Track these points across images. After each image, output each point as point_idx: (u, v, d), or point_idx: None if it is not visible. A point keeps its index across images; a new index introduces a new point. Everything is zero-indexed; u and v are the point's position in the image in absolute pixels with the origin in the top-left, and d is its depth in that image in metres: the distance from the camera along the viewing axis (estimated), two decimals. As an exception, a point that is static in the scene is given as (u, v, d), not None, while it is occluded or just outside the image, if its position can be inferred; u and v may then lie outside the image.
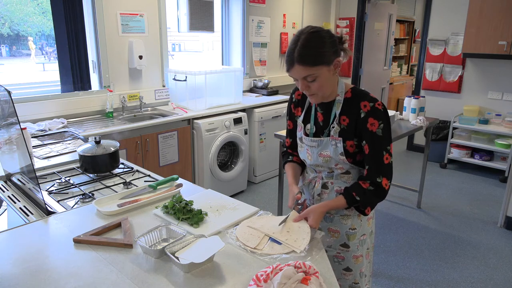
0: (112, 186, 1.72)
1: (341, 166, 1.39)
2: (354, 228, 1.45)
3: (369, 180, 1.32)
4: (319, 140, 1.38)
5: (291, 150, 1.60)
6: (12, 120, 1.47)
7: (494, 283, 2.56)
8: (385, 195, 1.34)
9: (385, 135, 1.30)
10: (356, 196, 1.33)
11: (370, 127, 1.29)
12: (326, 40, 1.24)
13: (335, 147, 1.35)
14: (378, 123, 1.29)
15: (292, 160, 1.57)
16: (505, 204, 3.26)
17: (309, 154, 1.44)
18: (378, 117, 1.29)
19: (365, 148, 1.32)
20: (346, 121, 1.34)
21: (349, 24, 5.74)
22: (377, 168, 1.32)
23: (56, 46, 3.14)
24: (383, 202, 3.77)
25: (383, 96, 6.63)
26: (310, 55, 1.22)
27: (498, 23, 4.09)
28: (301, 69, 1.24)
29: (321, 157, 1.39)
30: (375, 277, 2.61)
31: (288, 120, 1.56)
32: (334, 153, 1.36)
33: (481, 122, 4.49)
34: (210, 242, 1.16)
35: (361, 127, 1.31)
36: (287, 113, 1.57)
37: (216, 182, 3.60)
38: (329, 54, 1.24)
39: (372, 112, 1.29)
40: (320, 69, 1.24)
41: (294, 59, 1.23)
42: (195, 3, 3.75)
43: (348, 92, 1.36)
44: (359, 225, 1.46)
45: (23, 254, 1.18)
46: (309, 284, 0.99)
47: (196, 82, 3.52)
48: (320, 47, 1.23)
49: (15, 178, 1.68)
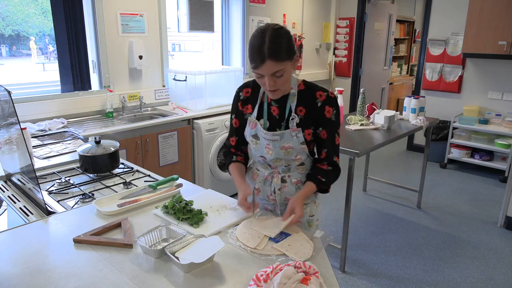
0: (112, 186, 1.72)
1: (300, 156, 1.47)
2: (312, 215, 1.58)
3: (327, 161, 1.47)
4: (280, 134, 1.43)
5: (234, 149, 1.62)
6: (12, 120, 1.47)
7: (494, 283, 2.56)
8: (340, 171, 1.50)
9: (337, 120, 1.44)
10: (322, 178, 1.45)
11: (327, 114, 1.42)
12: (289, 36, 1.30)
13: (296, 137, 1.42)
14: (332, 110, 1.42)
15: (236, 160, 1.60)
16: (505, 204, 3.26)
17: (269, 149, 1.46)
18: (332, 105, 1.42)
19: (322, 133, 1.44)
20: (303, 112, 1.42)
21: (349, 24, 5.74)
22: (333, 150, 1.46)
23: (56, 46, 3.13)
24: (383, 202, 3.78)
25: (383, 96, 6.63)
26: (281, 51, 1.26)
27: (498, 23, 4.09)
28: (272, 65, 1.26)
29: (283, 149, 1.44)
30: (375, 277, 2.61)
31: (234, 119, 1.57)
32: (296, 143, 1.43)
33: (481, 122, 4.49)
34: (210, 242, 1.16)
35: (319, 115, 1.42)
36: (233, 111, 1.58)
37: (216, 182, 3.60)
38: (293, 50, 1.30)
39: (327, 100, 1.41)
40: (286, 64, 1.29)
41: (266, 55, 1.24)
42: (195, 3, 3.75)
43: (301, 85, 1.45)
44: (316, 211, 1.59)
45: (23, 254, 1.18)
46: (309, 284, 0.99)
47: (196, 82, 3.52)
48: (288, 42, 1.28)
49: (15, 178, 1.68)
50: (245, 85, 1.55)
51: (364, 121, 3.17)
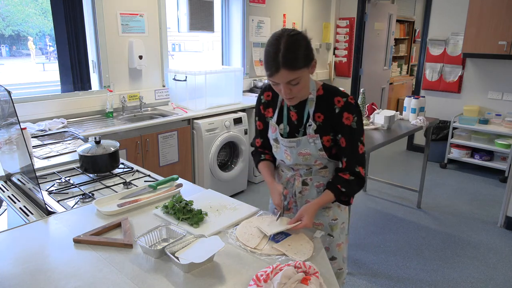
0: (112, 186, 1.72)
1: (320, 162, 1.43)
2: (336, 219, 1.51)
3: (348, 171, 1.39)
4: (297, 140, 1.40)
5: (261, 148, 1.61)
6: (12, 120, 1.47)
7: (494, 283, 2.56)
8: (364, 182, 1.42)
9: (358, 127, 1.36)
10: (342, 188, 1.38)
11: (346, 121, 1.35)
12: (306, 42, 1.25)
13: (314, 144, 1.38)
14: (352, 117, 1.34)
15: (265, 158, 1.59)
16: (505, 204, 3.26)
17: (287, 155, 1.45)
18: (352, 111, 1.34)
19: (341, 141, 1.37)
20: (321, 118, 1.37)
21: (349, 24, 5.74)
22: (354, 159, 1.38)
23: (56, 46, 3.14)
24: (383, 202, 3.78)
25: (383, 96, 6.63)
26: (296, 59, 1.21)
27: (498, 23, 4.09)
28: (287, 74, 1.22)
29: (300, 156, 1.41)
30: (375, 277, 2.61)
31: (258, 121, 1.56)
32: (314, 150, 1.39)
33: (481, 122, 4.49)
34: (210, 242, 1.16)
35: (337, 122, 1.36)
36: (256, 113, 1.56)
37: (216, 182, 3.60)
38: (310, 56, 1.27)
39: (346, 106, 1.34)
40: (303, 71, 1.25)
41: (280, 64, 1.20)
42: (195, 3, 3.75)
43: (319, 90, 1.39)
44: (339, 215, 1.52)
45: (23, 254, 1.18)
46: (309, 284, 0.99)
47: (196, 82, 3.52)
48: (304, 50, 1.23)
49: (15, 178, 1.68)
50: (266, 88, 1.51)
51: (364, 121, 3.17)
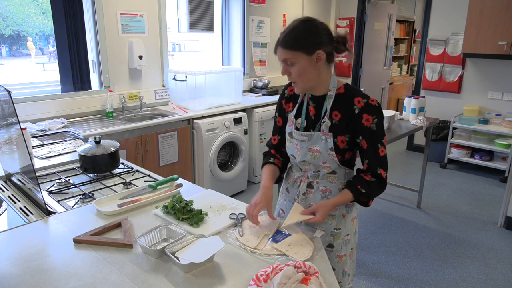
0: (112, 186, 1.72)
1: (328, 164, 1.39)
2: (339, 228, 1.47)
3: (370, 172, 1.36)
4: (309, 135, 1.39)
5: (274, 150, 1.58)
6: (12, 120, 1.47)
7: (494, 283, 2.56)
8: (386, 185, 1.38)
9: (379, 129, 1.34)
10: (362, 189, 1.35)
11: (365, 122, 1.32)
12: (311, 30, 1.28)
13: (325, 142, 1.36)
14: (372, 119, 1.32)
15: (273, 162, 1.55)
16: (505, 204, 3.26)
17: (298, 149, 1.43)
18: (372, 113, 1.32)
19: (362, 143, 1.35)
20: (338, 116, 1.35)
21: (349, 24, 5.74)
22: (376, 161, 1.35)
23: (56, 46, 3.14)
24: (383, 202, 3.78)
25: (383, 96, 6.63)
26: (290, 40, 1.29)
27: (498, 23, 4.09)
28: (281, 51, 1.30)
29: (310, 152, 1.39)
30: (375, 277, 2.61)
31: (278, 117, 1.55)
32: (324, 148, 1.36)
33: (481, 122, 4.49)
34: (210, 242, 1.16)
35: (356, 123, 1.33)
36: (277, 109, 1.56)
37: (216, 182, 3.60)
38: (310, 43, 1.27)
39: (366, 108, 1.32)
40: (299, 55, 1.28)
41: (279, 42, 1.31)
42: (195, 3, 3.75)
43: (341, 88, 1.38)
44: (343, 225, 1.47)
45: (23, 254, 1.18)
46: (309, 284, 0.99)
47: (196, 82, 3.52)
48: (301, 33, 1.28)
49: (15, 178, 1.68)
50: (291, 83, 1.50)
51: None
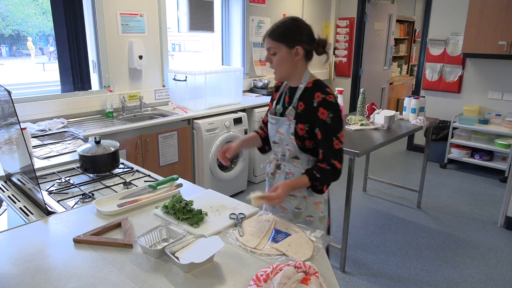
0: (112, 186, 1.72)
1: (289, 148, 1.57)
2: (299, 208, 1.63)
3: (325, 161, 1.50)
4: (277, 119, 1.60)
5: (263, 125, 1.81)
6: (12, 120, 1.47)
7: (494, 283, 2.56)
8: (339, 175, 1.52)
9: (334, 124, 1.47)
10: (317, 174, 1.50)
11: (321, 115, 1.47)
12: (295, 29, 1.48)
13: (288, 127, 1.55)
14: (327, 113, 1.46)
15: (257, 132, 1.82)
16: (505, 204, 3.26)
17: (271, 130, 1.65)
18: (327, 108, 1.46)
19: (318, 134, 1.50)
20: (302, 107, 1.52)
21: (349, 24, 5.74)
22: (329, 152, 1.49)
23: (56, 46, 3.14)
24: (383, 202, 3.78)
25: (383, 96, 6.63)
26: (276, 32, 1.48)
27: (498, 23, 4.09)
28: (268, 41, 1.50)
29: (278, 134, 1.60)
30: (375, 277, 2.61)
31: (270, 102, 1.76)
32: (286, 132, 1.56)
33: (481, 122, 4.49)
34: (210, 242, 1.16)
35: (313, 115, 1.49)
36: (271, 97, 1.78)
37: (216, 182, 3.60)
38: (291, 38, 1.47)
39: (323, 102, 1.47)
40: (281, 46, 1.47)
41: (268, 32, 1.51)
42: (195, 3, 3.75)
43: (310, 83, 1.54)
44: (304, 207, 1.62)
45: (23, 254, 1.18)
46: (309, 284, 0.99)
47: (196, 82, 3.52)
48: (287, 29, 1.47)
49: (15, 178, 1.68)
50: None
51: (364, 121, 3.17)
